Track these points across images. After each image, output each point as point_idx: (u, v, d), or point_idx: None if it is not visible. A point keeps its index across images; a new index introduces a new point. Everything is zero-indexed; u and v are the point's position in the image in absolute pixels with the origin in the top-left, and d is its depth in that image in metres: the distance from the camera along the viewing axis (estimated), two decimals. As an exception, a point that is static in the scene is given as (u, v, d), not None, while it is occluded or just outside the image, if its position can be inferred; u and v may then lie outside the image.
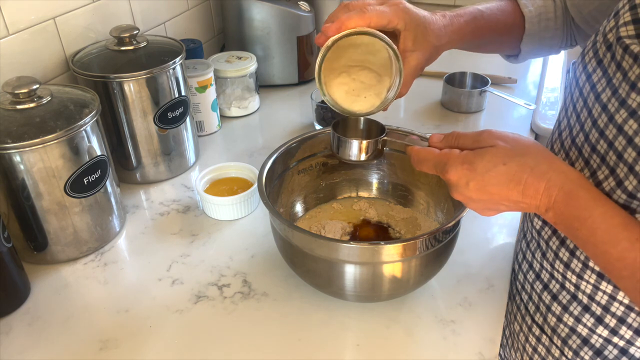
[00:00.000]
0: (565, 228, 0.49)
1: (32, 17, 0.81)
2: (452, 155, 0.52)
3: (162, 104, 0.86)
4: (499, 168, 0.49)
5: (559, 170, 0.48)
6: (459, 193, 0.53)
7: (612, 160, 0.49)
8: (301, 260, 0.64)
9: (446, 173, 0.52)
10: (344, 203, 0.80)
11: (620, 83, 0.47)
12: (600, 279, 0.53)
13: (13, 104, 0.67)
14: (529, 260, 0.64)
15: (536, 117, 1.07)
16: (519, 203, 0.50)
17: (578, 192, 0.47)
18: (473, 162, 0.50)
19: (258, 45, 1.17)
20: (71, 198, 0.71)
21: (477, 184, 0.50)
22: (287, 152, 0.73)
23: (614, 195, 0.48)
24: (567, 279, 0.57)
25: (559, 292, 0.59)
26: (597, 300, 0.54)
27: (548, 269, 0.60)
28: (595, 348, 0.57)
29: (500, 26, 0.70)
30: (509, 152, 0.49)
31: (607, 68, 0.50)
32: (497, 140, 0.50)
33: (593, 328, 0.56)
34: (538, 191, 0.48)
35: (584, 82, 0.53)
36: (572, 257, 0.55)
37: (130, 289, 0.71)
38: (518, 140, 0.51)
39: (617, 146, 0.48)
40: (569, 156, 0.55)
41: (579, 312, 0.57)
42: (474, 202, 0.53)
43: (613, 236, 0.46)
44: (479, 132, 0.52)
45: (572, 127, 0.55)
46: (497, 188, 0.49)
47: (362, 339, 0.63)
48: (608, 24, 0.51)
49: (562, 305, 0.59)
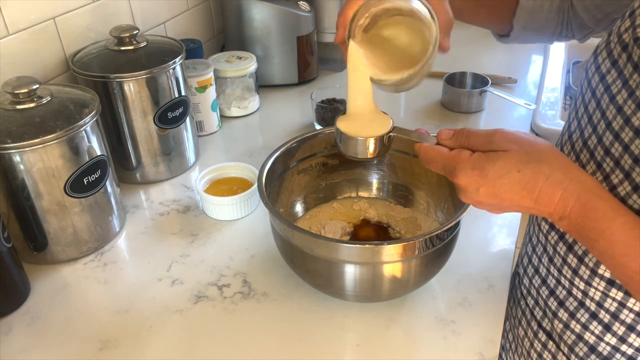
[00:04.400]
0: (580, 238, 0.48)
1: (32, 17, 0.81)
2: (461, 158, 0.49)
3: (162, 104, 0.86)
4: (512, 175, 0.46)
5: (575, 179, 0.46)
6: (468, 197, 0.50)
7: (627, 164, 0.47)
8: (301, 260, 0.64)
9: (455, 177, 0.49)
10: (344, 203, 0.80)
11: (637, 85, 0.46)
12: (610, 285, 0.52)
13: (13, 104, 0.67)
14: (534, 264, 0.63)
15: (536, 117, 1.07)
16: (531, 209, 0.48)
17: (596, 203, 0.45)
18: (484, 168, 0.47)
19: (258, 45, 1.17)
20: (71, 198, 0.70)
21: (488, 190, 0.48)
22: (287, 152, 0.73)
23: (629, 201, 0.47)
24: (574, 285, 0.56)
25: (566, 298, 0.58)
26: (606, 307, 0.53)
27: (555, 275, 0.59)
28: (603, 356, 0.56)
29: None
30: (523, 158, 0.47)
31: (622, 69, 0.48)
32: (510, 143, 0.47)
33: (601, 336, 0.55)
34: (553, 200, 0.46)
35: (597, 83, 0.51)
36: (580, 264, 0.54)
37: (130, 289, 0.71)
38: (533, 144, 0.48)
39: (633, 149, 0.46)
40: (579, 159, 0.54)
41: (586, 319, 0.56)
42: (483, 206, 0.51)
43: (633, 249, 0.44)
44: (491, 132, 0.49)
45: (584, 128, 0.53)
46: (509, 195, 0.47)
47: (362, 339, 0.63)
48: (622, 23, 0.49)
49: (569, 311, 0.58)
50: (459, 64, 1.20)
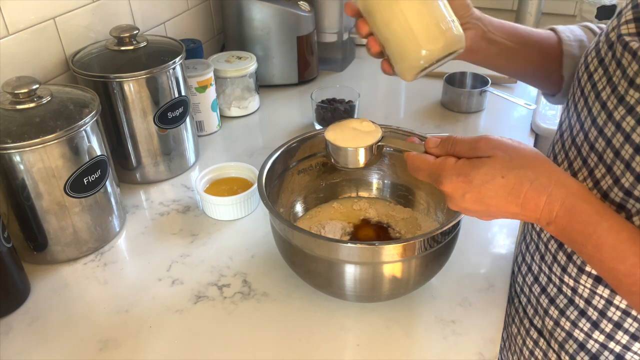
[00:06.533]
0: (569, 242, 0.48)
1: (32, 17, 0.81)
2: (446, 165, 0.50)
3: (162, 104, 0.86)
4: (496, 181, 0.47)
5: (560, 183, 0.47)
6: (455, 204, 0.51)
7: (609, 157, 0.48)
8: (301, 260, 0.64)
9: (441, 184, 0.50)
10: (344, 203, 0.80)
11: (619, 80, 0.47)
12: (597, 282, 0.52)
13: (13, 104, 0.67)
14: (527, 262, 0.63)
15: (536, 117, 1.06)
16: (518, 215, 0.49)
17: (580, 207, 0.46)
18: (469, 175, 0.48)
19: (258, 45, 1.17)
20: (71, 198, 0.71)
21: (474, 196, 0.48)
22: (287, 152, 0.73)
23: (611, 194, 0.48)
24: (564, 283, 0.56)
25: (557, 295, 0.58)
26: (594, 304, 0.54)
27: (546, 272, 0.59)
28: (592, 353, 0.56)
29: (537, 37, 0.65)
30: (507, 164, 0.47)
31: (607, 66, 0.49)
32: (495, 150, 0.48)
33: (589, 333, 0.56)
34: (538, 205, 0.47)
35: (586, 81, 0.52)
36: (569, 261, 0.55)
37: (130, 289, 0.71)
38: (517, 149, 0.48)
39: (614, 143, 0.47)
40: (568, 156, 0.55)
41: (575, 316, 0.56)
42: (471, 213, 0.51)
43: (620, 252, 0.44)
44: (476, 139, 0.50)
45: (573, 126, 0.55)
46: (495, 201, 0.48)
47: (362, 339, 0.63)
48: (611, 23, 0.50)
49: (559, 309, 0.58)
50: (459, 64, 1.20)
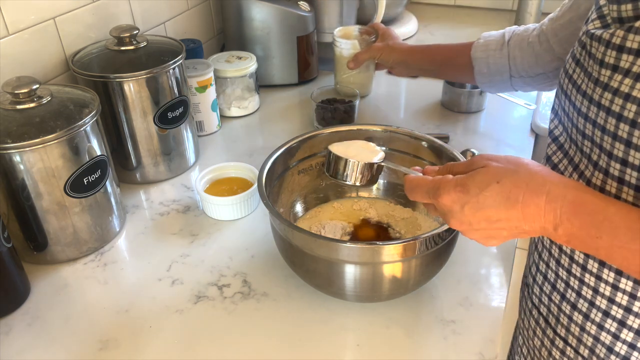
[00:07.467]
0: (582, 242, 0.47)
1: (32, 17, 0.81)
2: (444, 179, 0.51)
3: (162, 104, 0.86)
4: (492, 187, 0.47)
5: (555, 181, 0.46)
6: (456, 219, 0.50)
7: (597, 136, 0.48)
8: (301, 260, 0.64)
9: (439, 197, 0.50)
10: (344, 203, 0.80)
11: (592, 68, 0.48)
12: (619, 275, 0.51)
13: (13, 104, 0.67)
14: (542, 271, 0.62)
15: (536, 117, 1.06)
16: (522, 226, 0.48)
17: (583, 197, 0.45)
18: (465, 184, 0.49)
19: (258, 45, 1.17)
20: (71, 198, 0.71)
21: (472, 206, 0.48)
22: (287, 152, 0.73)
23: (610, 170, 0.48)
24: (584, 284, 0.55)
25: (577, 300, 0.57)
26: (617, 302, 0.52)
27: (564, 277, 0.58)
28: (622, 356, 0.55)
29: (451, 50, 0.94)
30: (501, 170, 0.48)
31: (583, 63, 0.51)
32: (487, 160, 0.49)
33: (617, 333, 0.54)
34: (539, 207, 0.46)
35: (567, 83, 0.54)
36: (587, 258, 0.54)
37: (130, 289, 0.71)
38: (509, 158, 0.50)
39: (599, 122, 0.47)
40: (568, 154, 0.55)
41: (600, 318, 0.55)
42: (474, 230, 0.51)
43: (637, 231, 0.43)
44: (472, 159, 0.52)
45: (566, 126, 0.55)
46: (494, 210, 0.48)
47: (362, 339, 0.63)
48: (583, 29, 0.53)
49: (582, 313, 0.57)
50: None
